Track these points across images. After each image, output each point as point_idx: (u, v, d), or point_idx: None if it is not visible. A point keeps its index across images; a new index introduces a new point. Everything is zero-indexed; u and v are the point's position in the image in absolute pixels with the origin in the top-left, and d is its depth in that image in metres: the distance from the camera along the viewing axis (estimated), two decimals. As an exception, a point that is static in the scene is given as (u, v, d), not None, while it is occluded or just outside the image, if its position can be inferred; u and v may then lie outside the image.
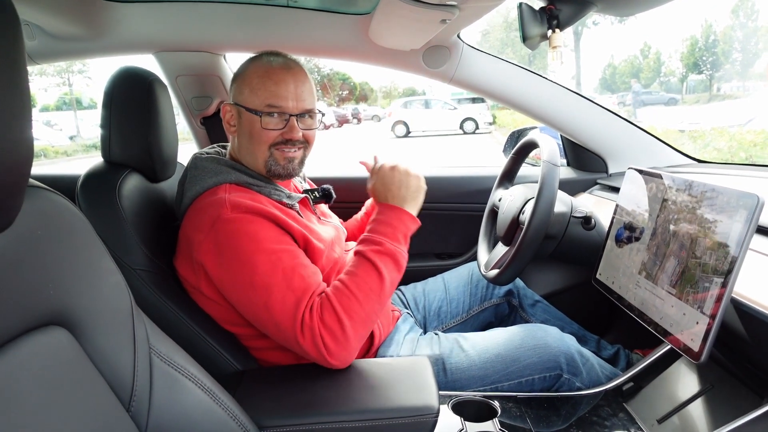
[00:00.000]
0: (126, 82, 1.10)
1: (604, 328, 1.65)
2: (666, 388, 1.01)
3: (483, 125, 18.18)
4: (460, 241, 1.83)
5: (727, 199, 0.77)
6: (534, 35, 1.15)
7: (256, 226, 0.97)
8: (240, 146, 1.12)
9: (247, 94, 1.08)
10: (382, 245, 1.02)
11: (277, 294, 0.93)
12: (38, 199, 0.56)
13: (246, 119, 1.08)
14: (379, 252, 1.01)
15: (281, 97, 1.06)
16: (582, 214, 1.24)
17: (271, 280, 0.93)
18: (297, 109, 1.08)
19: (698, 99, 28.76)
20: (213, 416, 0.71)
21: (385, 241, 1.03)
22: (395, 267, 1.02)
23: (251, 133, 1.08)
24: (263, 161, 1.09)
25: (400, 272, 1.04)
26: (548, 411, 1.03)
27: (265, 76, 1.07)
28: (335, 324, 0.92)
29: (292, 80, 1.07)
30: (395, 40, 1.46)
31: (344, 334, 0.92)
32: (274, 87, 1.06)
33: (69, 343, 0.56)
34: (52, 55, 1.59)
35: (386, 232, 1.04)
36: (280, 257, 0.95)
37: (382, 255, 1.01)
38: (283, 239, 0.99)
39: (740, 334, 0.82)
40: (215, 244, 0.97)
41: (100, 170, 1.09)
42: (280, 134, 1.08)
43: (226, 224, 0.97)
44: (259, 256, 0.94)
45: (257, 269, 0.94)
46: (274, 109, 1.06)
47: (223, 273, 0.97)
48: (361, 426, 0.83)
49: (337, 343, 0.92)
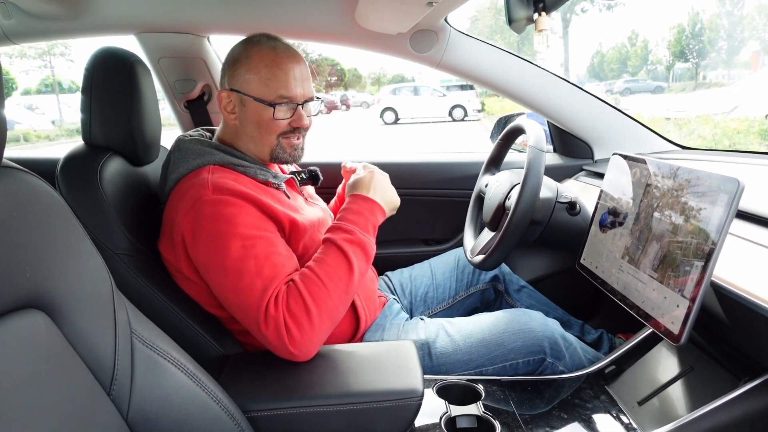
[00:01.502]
0: (106, 63, 1.07)
1: (589, 313, 1.67)
2: (647, 371, 1.03)
3: (472, 112, 18.18)
4: (446, 227, 1.84)
5: (709, 183, 0.78)
6: (520, 18, 1.14)
7: (236, 209, 0.96)
8: (242, 134, 1.11)
9: (255, 84, 1.06)
10: (353, 234, 1.00)
11: (246, 280, 0.91)
12: (13, 180, 0.55)
13: (253, 109, 1.07)
14: (350, 241, 0.99)
15: (291, 88, 1.06)
16: (567, 200, 1.25)
17: (242, 265, 0.92)
18: (303, 97, 1.09)
19: (684, 87, 28.99)
20: (196, 400, 0.71)
21: (356, 230, 1.00)
22: (364, 257, 1.00)
23: (259, 122, 1.07)
24: (270, 149, 1.10)
25: (368, 263, 1.02)
26: (532, 394, 1.04)
27: (274, 65, 1.05)
28: (301, 312, 0.90)
29: (298, 69, 1.07)
30: (382, 24, 1.45)
31: (310, 323, 0.90)
32: (284, 77, 1.05)
33: (47, 326, 0.55)
34: (29, 34, 1.55)
35: (357, 221, 1.02)
36: (254, 243, 0.94)
37: (353, 244, 0.99)
38: (261, 225, 0.98)
39: (719, 317, 0.84)
40: (194, 224, 0.96)
41: (80, 153, 1.07)
42: (289, 123, 1.08)
43: (206, 205, 0.96)
44: (233, 240, 0.93)
45: (230, 253, 0.92)
46: (285, 99, 1.06)
47: (199, 253, 0.96)
48: (345, 409, 0.84)
49: (302, 332, 0.89)
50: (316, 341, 0.92)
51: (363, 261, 0.99)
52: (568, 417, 0.96)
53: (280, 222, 1.02)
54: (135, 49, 1.30)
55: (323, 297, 0.92)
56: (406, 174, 1.82)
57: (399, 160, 1.85)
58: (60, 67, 25.37)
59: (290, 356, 0.90)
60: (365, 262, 1.00)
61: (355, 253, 0.98)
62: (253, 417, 0.82)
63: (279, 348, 0.90)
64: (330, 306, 0.93)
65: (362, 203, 1.06)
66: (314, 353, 0.93)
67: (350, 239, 0.99)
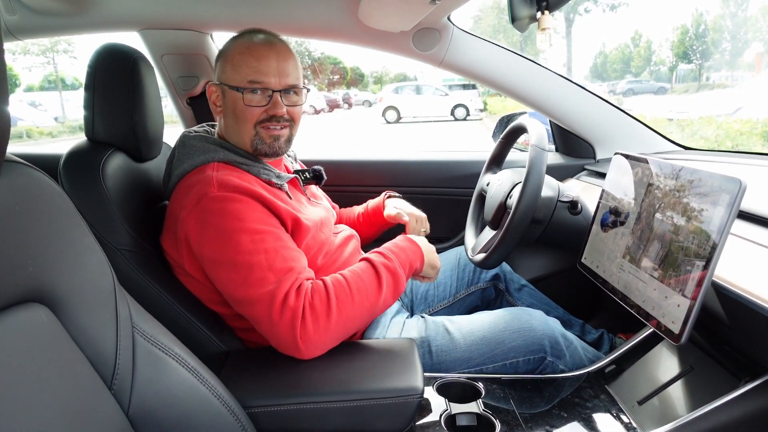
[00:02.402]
0: (109, 59, 1.07)
1: (589, 312, 1.67)
2: (647, 370, 1.03)
3: (474, 112, 18.15)
4: (448, 225, 1.84)
5: (711, 183, 0.78)
6: (523, 17, 1.14)
7: (242, 205, 0.96)
8: (226, 126, 1.11)
9: (229, 72, 1.06)
10: (391, 261, 1.04)
11: (258, 273, 0.92)
12: (17, 175, 0.55)
13: (230, 97, 1.07)
14: (387, 266, 1.03)
15: (263, 73, 1.05)
16: (569, 199, 1.25)
17: (252, 260, 0.92)
18: (280, 84, 1.07)
19: (687, 88, 28.92)
20: (197, 395, 0.71)
21: (395, 260, 1.05)
22: (394, 285, 1.03)
23: (235, 111, 1.07)
24: (249, 140, 1.09)
25: (395, 295, 1.04)
26: (532, 393, 1.04)
27: (247, 52, 1.06)
28: (323, 309, 0.92)
29: (274, 56, 1.06)
30: (385, 22, 1.45)
31: (327, 323, 0.91)
32: (255, 63, 1.05)
33: (49, 320, 0.55)
34: (33, 30, 1.56)
35: (399, 255, 1.07)
36: (263, 237, 0.95)
37: (388, 270, 1.03)
38: (268, 220, 0.99)
39: (720, 317, 0.84)
40: (199, 221, 0.96)
41: (83, 149, 1.08)
42: (264, 111, 1.07)
43: (211, 202, 0.96)
44: (242, 235, 0.94)
45: (240, 248, 0.93)
46: (257, 85, 1.05)
47: (205, 250, 0.96)
48: (345, 406, 0.84)
49: (317, 328, 0.90)
50: (326, 343, 0.93)
51: (391, 288, 1.02)
52: (568, 416, 0.96)
53: (284, 220, 1.02)
54: (138, 46, 1.30)
55: (348, 305, 0.95)
56: (408, 172, 1.82)
57: (401, 158, 1.85)
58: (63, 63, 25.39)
59: (295, 351, 0.91)
60: (394, 290, 1.03)
61: (387, 279, 1.01)
62: (254, 413, 0.82)
63: (286, 340, 0.90)
64: (351, 316, 0.95)
65: (409, 243, 1.12)
66: (318, 354, 0.93)
67: (387, 265, 1.03)
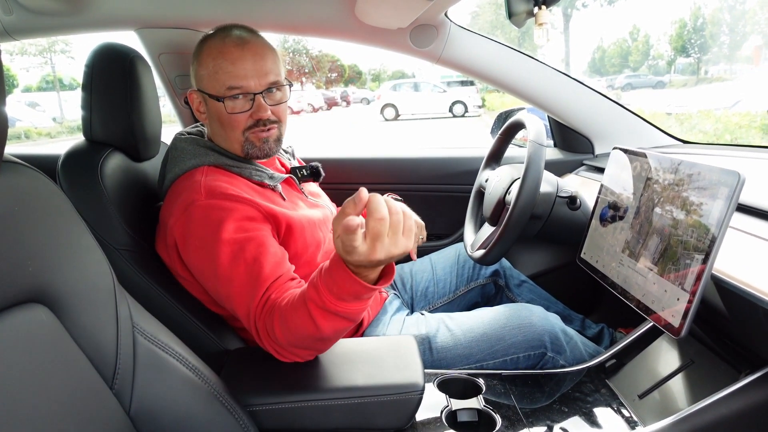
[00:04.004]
0: (107, 58, 1.07)
1: (589, 307, 1.67)
2: (647, 364, 1.03)
3: (472, 108, 18.14)
4: (447, 222, 1.84)
5: (709, 176, 0.78)
6: (520, 12, 1.14)
7: (225, 214, 0.93)
8: (213, 132, 1.09)
9: (206, 80, 1.02)
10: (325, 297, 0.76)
11: (237, 286, 0.89)
12: (15, 175, 0.55)
13: (212, 106, 1.04)
14: (318, 306, 0.77)
15: (240, 77, 0.99)
16: (567, 194, 1.25)
17: (232, 275, 0.90)
18: (260, 85, 1.01)
19: (686, 82, 28.90)
20: (197, 394, 0.71)
21: (326, 297, 0.76)
22: (339, 321, 0.78)
23: (220, 120, 1.04)
24: (239, 145, 1.06)
25: (350, 322, 0.80)
26: (532, 388, 1.04)
27: (219, 56, 1.00)
28: (270, 333, 0.85)
29: (249, 56, 1.00)
30: (382, 18, 1.45)
31: (281, 348, 0.85)
32: (230, 67, 0.99)
33: (50, 320, 0.55)
34: (30, 30, 1.55)
35: (332, 288, 0.75)
36: (243, 247, 0.91)
37: (320, 309, 0.77)
38: (250, 226, 0.95)
39: (720, 310, 0.84)
40: (185, 230, 0.95)
41: (81, 149, 1.08)
42: (249, 116, 1.03)
43: (196, 210, 0.95)
44: (222, 247, 0.91)
45: (219, 261, 0.90)
46: (236, 90, 1.00)
47: (191, 259, 0.95)
48: (346, 404, 0.84)
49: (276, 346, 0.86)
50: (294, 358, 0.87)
51: (338, 324, 0.79)
52: (569, 411, 0.96)
53: (276, 221, 1.00)
54: (135, 45, 1.30)
55: (287, 334, 0.83)
56: (406, 169, 1.82)
57: (399, 155, 1.85)
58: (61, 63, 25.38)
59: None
60: (341, 324, 0.79)
61: (325, 318, 0.78)
62: (254, 411, 0.82)
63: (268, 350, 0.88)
64: (300, 344, 0.84)
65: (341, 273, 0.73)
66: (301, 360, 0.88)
67: (316, 304, 0.77)
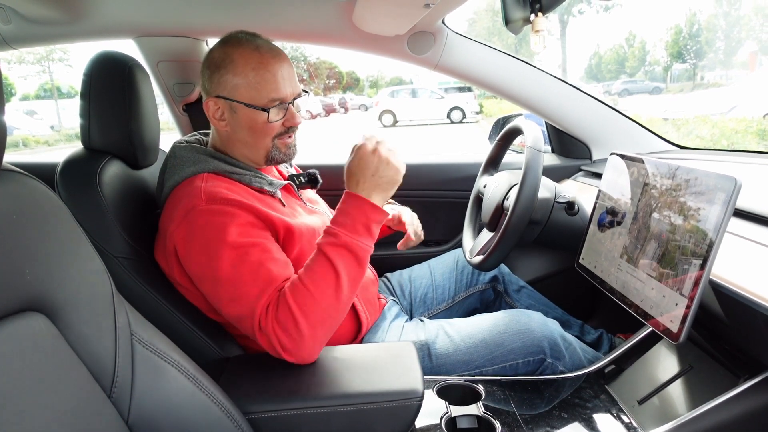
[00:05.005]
0: (105, 67, 1.07)
1: (588, 313, 1.67)
2: (647, 370, 1.03)
3: (470, 114, 18.19)
4: (445, 228, 1.84)
5: (706, 181, 0.78)
6: (516, 19, 1.14)
7: (228, 219, 0.94)
8: (234, 140, 1.09)
9: (244, 89, 1.03)
10: (338, 237, 0.93)
11: (241, 289, 0.90)
12: (13, 183, 0.55)
13: (245, 114, 1.05)
14: (334, 244, 0.92)
15: (281, 89, 1.04)
16: (565, 200, 1.25)
17: (235, 277, 0.91)
18: (293, 95, 1.07)
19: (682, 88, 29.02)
20: (197, 402, 0.71)
21: (340, 233, 0.93)
22: (353, 259, 0.92)
23: (253, 127, 1.06)
24: (266, 152, 1.09)
25: (361, 265, 0.94)
26: (532, 394, 1.04)
27: (261, 67, 1.03)
28: (290, 323, 0.87)
29: (286, 66, 1.06)
30: (379, 26, 1.45)
31: (299, 333, 0.87)
32: (273, 79, 1.03)
33: (48, 329, 0.55)
34: (28, 39, 1.55)
35: (344, 222, 0.94)
36: (247, 251, 0.92)
37: (337, 247, 0.92)
38: (256, 231, 0.96)
39: (718, 316, 0.84)
40: (186, 235, 0.95)
41: (79, 157, 1.08)
42: (282, 123, 1.08)
43: (198, 216, 0.95)
44: (225, 250, 0.92)
45: (222, 264, 0.91)
46: (277, 101, 1.05)
47: (192, 264, 0.95)
48: (345, 410, 0.84)
49: (293, 341, 0.87)
50: (312, 349, 0.90)
51: (352, 263, 0.92)
52: (569, 417, 0.96)
53: (275, 228, 1.01)
54: (133, 53, 1.30)
55: (311, 306, 0.88)
56: (404, 175, 1.82)
57: None
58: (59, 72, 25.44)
59: (291, 361, 0.90)
60: (355, 265, 0.93)
61: (340, 255, 0.91)
62: (254, 419, 0.82)
63: (274, 353, 0.90)
64: (320, 314, 0.89)
65: (349, 201, 0.96)
66: (314, 358, 0.91)
67: (334, 242, 0.92)
